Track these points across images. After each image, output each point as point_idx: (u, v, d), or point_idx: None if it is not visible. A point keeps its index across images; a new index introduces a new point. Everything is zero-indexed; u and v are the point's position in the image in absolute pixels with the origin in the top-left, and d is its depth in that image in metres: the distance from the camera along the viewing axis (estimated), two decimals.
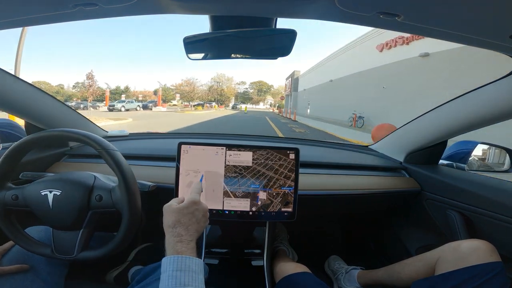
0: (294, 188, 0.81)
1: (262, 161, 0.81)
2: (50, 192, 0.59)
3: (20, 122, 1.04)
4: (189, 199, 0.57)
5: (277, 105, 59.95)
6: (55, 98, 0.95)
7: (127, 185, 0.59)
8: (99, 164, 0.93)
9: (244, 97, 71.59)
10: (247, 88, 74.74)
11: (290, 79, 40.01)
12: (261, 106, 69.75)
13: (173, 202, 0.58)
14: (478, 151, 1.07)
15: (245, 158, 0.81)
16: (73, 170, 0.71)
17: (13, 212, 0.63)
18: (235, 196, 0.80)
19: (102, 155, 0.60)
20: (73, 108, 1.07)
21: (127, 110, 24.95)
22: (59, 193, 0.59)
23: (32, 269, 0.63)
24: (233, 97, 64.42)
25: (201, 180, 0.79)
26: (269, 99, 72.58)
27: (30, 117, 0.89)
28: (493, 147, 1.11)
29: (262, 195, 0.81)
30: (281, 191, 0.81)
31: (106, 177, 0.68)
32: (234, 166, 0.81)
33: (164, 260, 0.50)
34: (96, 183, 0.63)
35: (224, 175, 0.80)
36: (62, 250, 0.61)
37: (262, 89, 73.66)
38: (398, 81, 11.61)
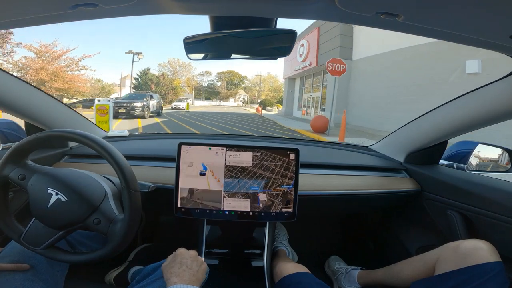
0: (295, 189, 0.81)
1: (262, 161, 0.81)
2: (56, 194, 0.58)
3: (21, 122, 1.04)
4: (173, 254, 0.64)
5: (259, 100, 42.71)
6: (55, 98, 0.95)
7: (130, 226, 0.59)
8: (99, 165, 0.93)
9: (209, 92, 52.39)
10: (213, 80, 54.33)
11: (314, 33, 13.66)
12: (232, 103, 51.01)
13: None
14: (478, 151, 1.07)
15: (245, 158, 0.81)
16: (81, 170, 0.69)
17: (9, 186, 0.62)
18: (235, 196, 0.80)
19: (122, 192, 0.60)
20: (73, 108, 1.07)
21: None
22: (64, 199, 0.58)
23: (32, 269, 0.63)
24: (193, 91, 46.93)
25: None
26: (242, 95, 53.73)
27: (30, 117, 0.89)
28: (493, 148, 1.11)
29: (263, 197, 0.81)
30: (281, 190, 0.81)
31: (115, 197, 0.66)
32: (234, 166, 0.81)
33: None
34: (103, 205, 0.61)
35: (224, 175, 0.80)
36: (30, 240, 0.60)
37: (232, 81, 53.65)
38: None
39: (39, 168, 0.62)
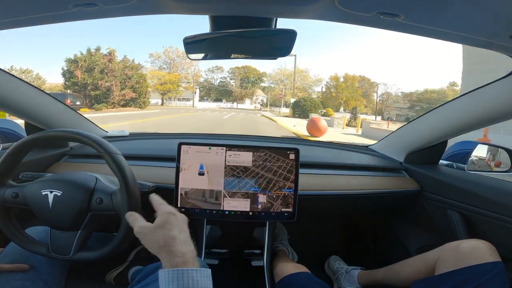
0: (294, 189, 0.81)
1: (262, 162, 0.81)
2: (51, 192, 0.59)
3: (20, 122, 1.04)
4: (166, 211, 0.48)
5: (291, 100, 23.13)
6: (55, 98, 0.95)
7: (128, 189, 0.59)
8: (99, 165, 0.93)
9: (220, 91, 41.44)
10: (225, 78, 42.41)
11: None
12: (248, 106, 39.43)
13: (143, 223, 0.48)
14: (478, 151, 1.07)
15: (245, 158, 0.81)
16: (74, 170, 0.71)
17: (11, 210, 0.63)
18: (235, 196, 0.80)
19: (104, 158, 0.60)
20: (73, 108, 1.07)
21: None
22: (60, 193, 0.59)
23: (33, 269, 0.63)
24: (197, 91, 36.28)
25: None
26: (260, 95, 41.54)
27: (30, 117, 0.89)
28: (493, 148, 1.11)
29: (262, 198, 0.81)
30: (281, 193, 0.81)
31: (107, 179, 0.68)
32: (234, 166, 0.81)
33: (161, 274, 0.41)
34: (98, 185, 0.63)
35: (224, 175, 0.80)
36: (58, 250, 0.61)
37: (248, 79, 41.35)
38: None
39: (26, 183, 0.63)
